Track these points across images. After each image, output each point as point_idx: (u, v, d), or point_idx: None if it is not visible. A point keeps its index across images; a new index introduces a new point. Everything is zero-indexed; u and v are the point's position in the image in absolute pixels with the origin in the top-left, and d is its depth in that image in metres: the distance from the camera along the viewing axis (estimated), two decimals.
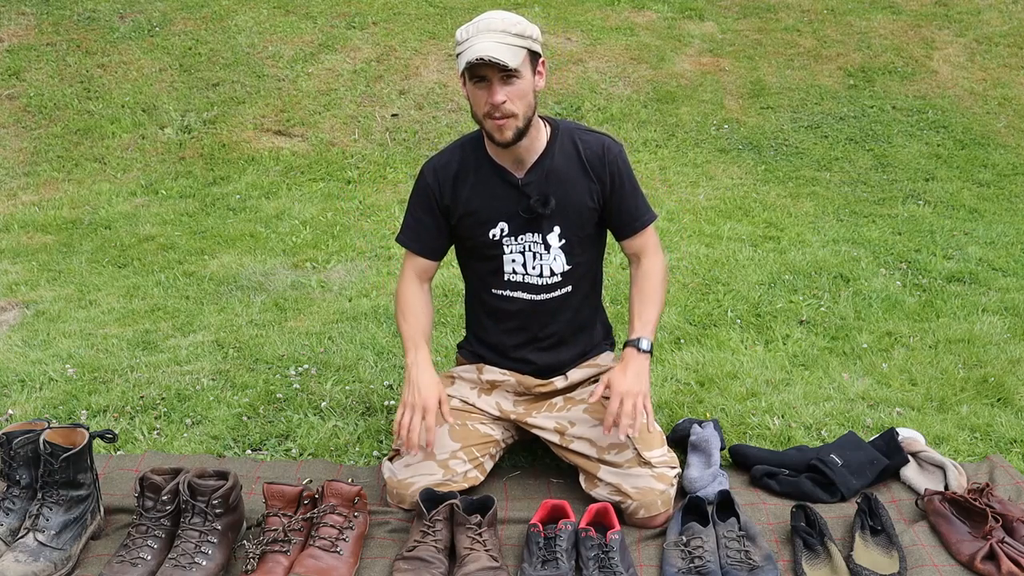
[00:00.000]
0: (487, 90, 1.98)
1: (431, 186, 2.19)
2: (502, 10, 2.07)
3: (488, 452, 2.24)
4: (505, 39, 1.95)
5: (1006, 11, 7.19)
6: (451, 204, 2.19)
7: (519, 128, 2.03)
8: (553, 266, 2.20)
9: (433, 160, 2.23)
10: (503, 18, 1.99)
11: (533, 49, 2.01)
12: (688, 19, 7.09)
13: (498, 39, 1.95)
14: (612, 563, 1.87)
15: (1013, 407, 2.70)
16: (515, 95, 1.99)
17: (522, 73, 1.98)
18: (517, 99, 2.00)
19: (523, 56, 1.98)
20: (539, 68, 2.06)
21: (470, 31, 1.98)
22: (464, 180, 2.18)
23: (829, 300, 3.51)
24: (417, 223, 2.23)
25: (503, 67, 1.94)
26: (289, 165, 5.35)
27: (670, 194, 4.91)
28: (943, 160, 5.47)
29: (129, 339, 3.20)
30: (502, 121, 2.01)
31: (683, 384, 2.85)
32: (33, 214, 4.74)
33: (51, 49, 6.27)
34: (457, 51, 2.01)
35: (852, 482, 2.23)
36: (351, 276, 3.86)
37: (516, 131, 2.03)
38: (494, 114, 2.00)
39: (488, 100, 1.99)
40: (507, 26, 1.97)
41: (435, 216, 2.21)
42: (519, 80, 1.99)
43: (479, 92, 2.00)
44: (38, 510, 1.93)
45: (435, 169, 2.20)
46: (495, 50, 1.93)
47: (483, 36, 1.95)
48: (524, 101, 2.01)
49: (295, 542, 1.93)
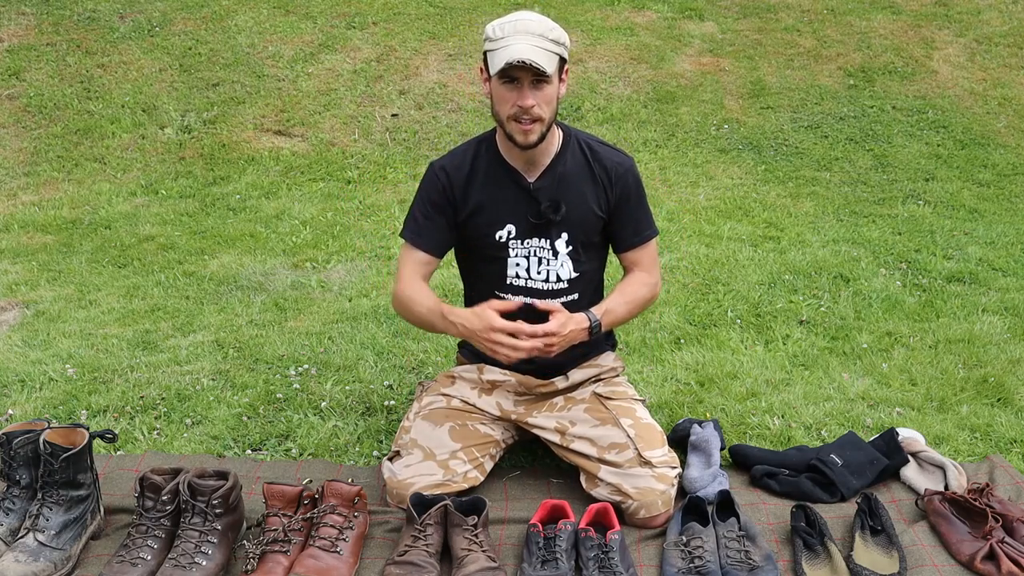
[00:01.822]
0: (517, 92, 1.99)
1: (443, 183, 2.18)
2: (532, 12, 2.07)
3: (488, 452, 2.24)
4: (543, 43, 1.97)
5: (1006, 11, 7.18)
6: (461, 202, 2.18)
7: (543, 133, 2.05)
8: (560, 272, 2.20)
9: (445, 159, 2.23)
10: (540, 21, 2.00)
11: (564, 56, 2.03)
12: (688, 19, 7.09)
13: (536, 43, 1.96)
14: (612, 563, 1.87)
15: (1013, 407, 2.70)
16: (544, 100, 2.00)
17: (553, 79, 2.00)
18: (545, 104, 2.01)
19: (556, 63, 2.00)
20: (563, 75, 2.08)
21: (506, 30, 1.98)
22: (475, 179, 2.18)
23: (829, 300, 3.51)
24: (426, 219, 2.20)
25: (538, 72, 1.95)
26: (289, 165, 5.35)
27: (670, 194, 4.91)
28: (943, 160, 5.47)
29: (129, 339, 3.20)
30: (529, 126, 2.02)
31: (683, 384, 2.84)
32: (33, 214, 4.74)
33: (51, 49, 6.27)
34: (488, 47, 2.01)
35: (852, 482, 2.23)
36: (351, 276, 3.86)
37: (540, 135, 2.05)
38: (521, 117, 2.01)
39: (517, 102, 1.99)
40: (544, 30, 1.98)
41: (445, 213, 2.20)
42: (548, 86, 2.00)
43: (508, 93, 2.00)
44: (38, 510, 1.93)
45: (446, 167, 2.19)
46: (534, 54, 1.94)
47: (520, 38, 1.96)
48: (551, 107, 2.03)
49: (295, 542, 1.93)
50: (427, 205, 2.20)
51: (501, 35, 1.98)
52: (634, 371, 2.92)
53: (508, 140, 2.10)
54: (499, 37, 1.98)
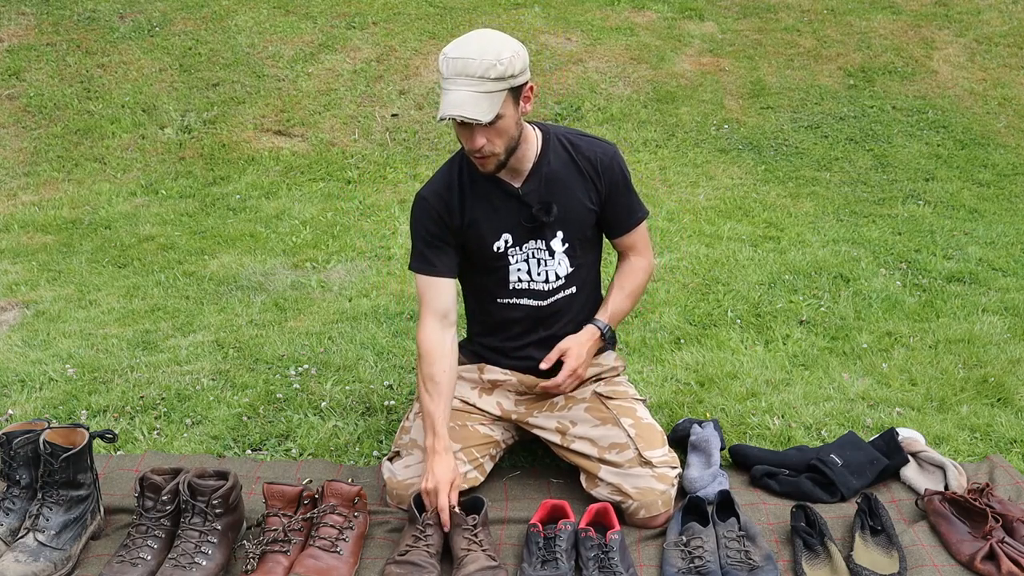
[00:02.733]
0: (467, 133, 1.97)
1: (436, 209, 2.15)
2: (489, 30, 1.96)
3: (488, 453, 2.24)
4: (483, 86, 1.88)
5: (1006, 11, 7.18)
6: (458, 222, 2.16)
7: (500, 161, 2.03)
8: (558, 270, 2.20)
9: (431, 185, 2.18)
10: (482, 56, 1.88)
11: (515, 85, 1.94)
12: (688, 19, 7.09)
13: (475, 87, 1.88)
14: (612, 563, 1.87)
15: (1013, 407, 2.70)
16: (495, 135, 1.97)
17: (503, 114, 1.94)
18: (497, 139, 1.98)
19: (502, 99, 1.91)
20: (525, 93, 2.00)
21: (448, 68, 1.90)
22: (466, 197, 2.15)
23: (829, 300, 3.51)
24: (428, 248, 2.16)
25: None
26: (289, 165, 5.35)
27: (670, 194, 4.91)
28: (943, 160, 5.47)
29: (129, 339, 3.20)
30: (482, 160, 2.02)
31: (683, 384, 2.84)
32: (33, 214, 4.74)
33: (51, 49, 6.27)
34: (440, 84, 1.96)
35: (852, 482, 2.23)
36: (351, 276, 3.86)
37: (497, 164, 2.03)
38: (474, 154, 2.00)
39: (467, 144, 1.99)
40: (485, 69, 1.87)
41: (446, 238, 2.16)
42: (500, 120, 1.95)
43: (461, 131, 1.99)
44: (38, 510, 1.93)
45: (436, 192, 2.16)
46: (469, 107, 1.88)
47: (461, 83, 1.89)
48: (505, 137, 1.99)
49: (295, 542, 1.93)
50: (426, 235, 2.16)
51: (445, 74, 1.91)
52: (634, 371, 2.92)
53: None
54: (444, 76, 1.92)
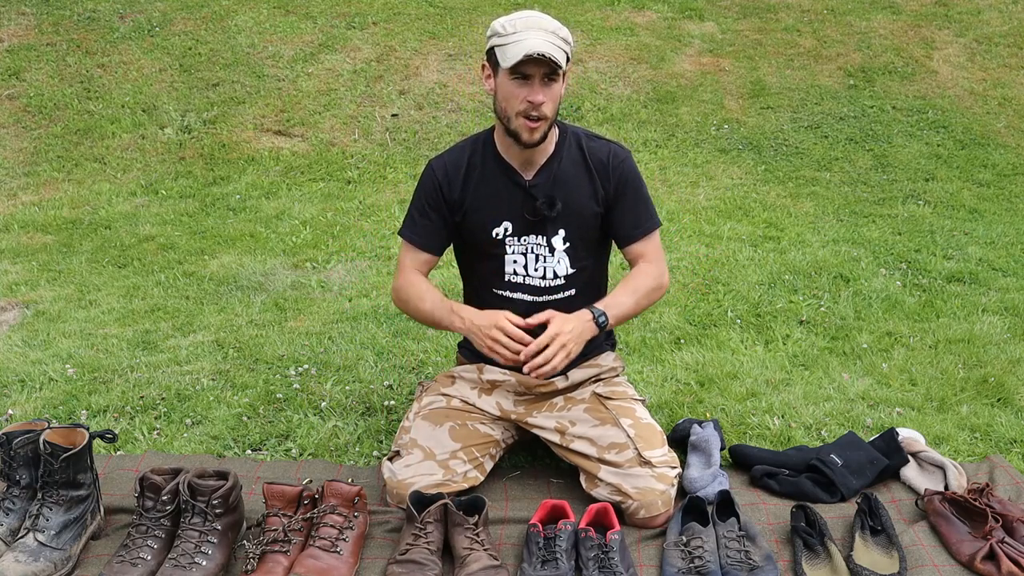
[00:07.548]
0: (528, 88, 1.99)
1: (440, 181, 2.19)
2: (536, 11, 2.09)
3: (488, 452, 2.24)
4: (555, 40, 1.98)
5: (1006, 11, 7.18)
6: (458, 200, 2.19)
7: (546, 131, 2.06)
8: (557, 269, 2.20)
9: (443, 157, 2.24)
10: (549, 19, 2.01)
11: (569, 56, 2.05)
12: (688, 19, 7.09)
13: (549, 39, 1.97)
14: (612, 563, 1.87)
15: (1013, 407, 2.70)
16: (551, 97, 2.02)
17: (560, 77, 2.02)
18: (551, 102, 2.03)
19: (566, 61, 2.01)
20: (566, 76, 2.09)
21: (517, 25, 1.98)
22: (472, 177, 2.19)
23: (829, 300, 3.51)
24: (423, 217, 2.22)
25: (552, 67, 1.96)
26: (289, 165, 5.35)
27: (670, 194, 4.91)
28: (943, 160, 5.47)
29: (129, 339, 3.20)
30: (536, 124, 2.03)
31: (683, 384, 2.84)
32: (33, 214, 4.74)
33: (51, 49, 6.27)
34: (497, 43, 2.00)
35: (852, 482, 2.23)
36: (351, 276, 3.86)
37: (543, 134, 2.06)
38: (530, 113, 2.01)
39: (528, 98, 2.00)
40: (555, 28, 2.00)
41: (441, 212, 2.21)
42: (556, 84, 2.02)
43: (518, 89, 2.00)
44: (38, 510, 1.93)
45: (445, 165, 2.21)
46: (549, 48, 1.95)
47: (533, 33, 1.96)
48: (555, 105, 2.05)
49: (295, 542, 1.93)
50: (423, 204, 2.22)
51: (512, 30, 1.98)
52: (634, 371, 2.92)
53: (509, 137, 2.10)
54: (510, 32, 1.98)
